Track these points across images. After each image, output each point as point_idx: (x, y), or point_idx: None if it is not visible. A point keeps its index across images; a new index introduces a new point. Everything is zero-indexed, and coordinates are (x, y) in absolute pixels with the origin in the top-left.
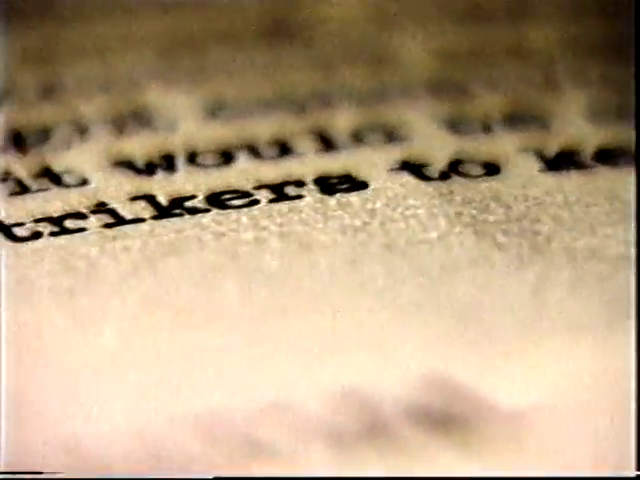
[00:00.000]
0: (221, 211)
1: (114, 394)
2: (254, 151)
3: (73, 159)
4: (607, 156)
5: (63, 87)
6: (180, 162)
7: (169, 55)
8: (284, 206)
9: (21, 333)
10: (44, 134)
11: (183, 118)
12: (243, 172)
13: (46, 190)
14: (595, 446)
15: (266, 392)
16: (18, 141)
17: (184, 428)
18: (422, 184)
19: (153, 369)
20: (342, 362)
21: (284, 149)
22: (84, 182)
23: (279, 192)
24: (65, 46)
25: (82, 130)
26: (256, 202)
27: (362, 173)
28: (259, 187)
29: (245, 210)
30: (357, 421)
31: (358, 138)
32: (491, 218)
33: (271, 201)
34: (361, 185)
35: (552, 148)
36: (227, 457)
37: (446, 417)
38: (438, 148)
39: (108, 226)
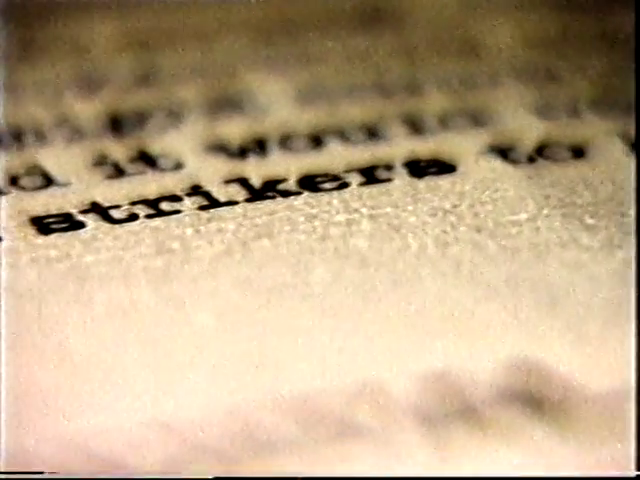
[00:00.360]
0: (313, 194)
1: (208, 375)
2: (345, 135)
3: (169, 143)
4: None
5: (160, 72)
6: (273, 146)
7: (265, 41)
8: (374, 189)
9: (115, 314)
10: (141, 119)
11: (277, 103)
12: (334, 156)
13: (142, 173)
14: None
15: (357, 373)
16: (115, 126)
17: (277, 409)
18: (510, 167)
19: (245, 350)
20: (432, 344)
21: (374, 133)
22: (179, 165)
23: (369, 175)
24: (163, 32)
25: (178, 115)
26: (347, 185)
27: (451, 157)
28: (350, 170)
29: (336, 193)
30: (447, 403)
31: (447, 122)
32: (579, 201)
33: (361, 184)
34: (450, 168)
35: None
36: (319, 438)
37: (536, 399)
38: (526, 132)
39: (203, 208)
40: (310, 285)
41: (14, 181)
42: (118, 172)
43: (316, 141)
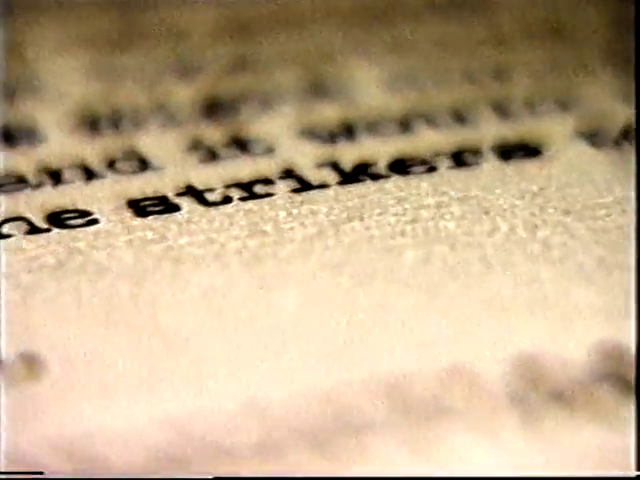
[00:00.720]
0: (402, 177)
1: (300, 357)
2: (434, 120)
3: (263, 128)
4: None
5: (257, 58)
6: (363, 130)
7: (358, 28)
8: (463, 173)
9: (209, 295)
10: (236, 104)
11: (368, 88)
12: (423, 140)
13: (236, 157)
14: None
15: (448, 356)
16: (211, 110)
17: (369, 391)
18: (596, 151)
19: (337, 333)
20: (523, 327)
21: (462, 118)
22: (273, 149)
23: (458, 159)
24: (260, 18)
25: (273, 100)
26: (436, 169)
27: (538, 141)
28: (438, 155)
29: (425, 176)
30: (538, 385)
31: (534, 107)
32: None
33: (450, 168)
34: (537, 152)
35: None
36: (411, 420)
37: (627, 382)
38: (612, 117)
39: (295, 191)
40: (400, 267)
41: (111, 165)
42: (213, 156)
43: (405, 126)
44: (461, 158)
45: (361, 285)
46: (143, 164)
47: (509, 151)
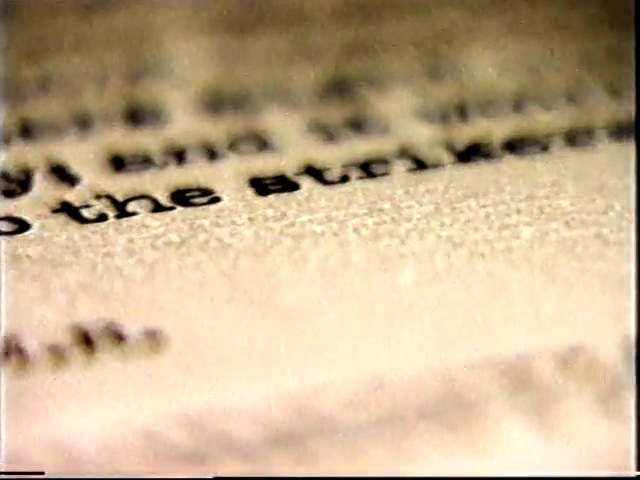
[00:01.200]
0: (516, 156)
1: (415, 335)
2: (547, 102)
3: (380, 109)
4: None
5: (376, 40)
6: (477, 111)
7: (477, 11)
8: (576, 152)
9: (327, 271)
10: (355, 86)
11: (483, 70)
12: (536, 121)
13: (354, 138)
14: None
15: (565, 335)
16: (331, 92)
17: (485, 370)
18: None
19: (452, 310)
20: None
21: (575, 99)
22: (389, 130)
23: (571, 140)
24: (380, 1)
25: (390, 81)
26: (549, 149)
27: None
28: (551, 135)
29: (539, 156)
30: None
31: None
32: None
33: (563, 148)
34: None
35: None
36: (529, 400)
37: None
38: None
39: (411, 171)
40: (517, 245)
41: (234, 145)
42: (331, 136)
43: (519, 107)
44: (574, 138)
45: (478, 263)
46: (265, 144)
47: (622, 131)
